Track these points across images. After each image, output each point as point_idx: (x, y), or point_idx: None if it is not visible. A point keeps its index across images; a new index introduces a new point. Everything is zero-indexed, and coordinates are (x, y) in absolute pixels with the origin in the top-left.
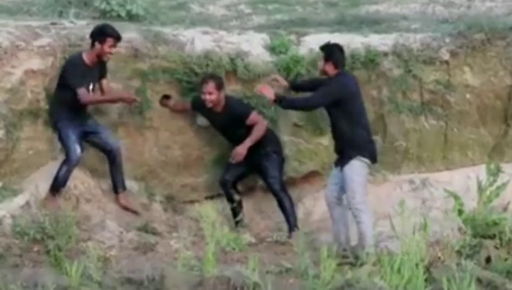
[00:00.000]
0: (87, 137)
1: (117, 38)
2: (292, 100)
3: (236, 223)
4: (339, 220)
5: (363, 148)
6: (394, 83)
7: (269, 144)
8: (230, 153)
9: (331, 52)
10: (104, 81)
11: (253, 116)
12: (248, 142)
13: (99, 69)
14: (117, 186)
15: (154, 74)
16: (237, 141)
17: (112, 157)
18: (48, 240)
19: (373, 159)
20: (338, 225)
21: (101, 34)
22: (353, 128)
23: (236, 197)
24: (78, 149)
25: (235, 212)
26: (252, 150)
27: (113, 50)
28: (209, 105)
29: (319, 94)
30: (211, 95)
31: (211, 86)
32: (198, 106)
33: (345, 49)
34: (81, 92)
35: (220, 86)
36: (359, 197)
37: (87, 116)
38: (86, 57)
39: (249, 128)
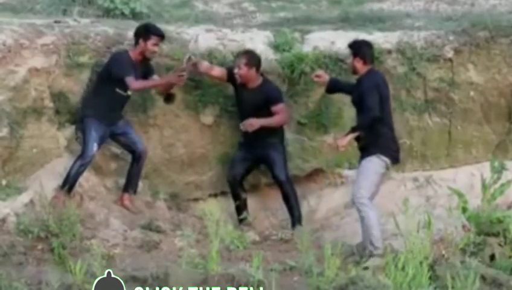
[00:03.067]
0: (115, 137)
1: (161, 36)
2: (361, 127)
3: (240, 221)
4: None
5: (386, 147)
6: (398, 81)
7: (277, 136)
8: (235, 150)
9: (359, 47)
10: (155, 77)
11: (282, 106)
12: (263, 121)
13: (143, 67)
14: (129, 187)
15: (158, 72)
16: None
17: (136, 157)
18: (52, 238)
19: (395, 159)
20: None
21: (145, 32)
22: (380, 127)
23: (243, 195)
24: (95, 147)
25: (240, 210)
26: (259, 139)
27: (157, 48)
28: (238, 79)
29: (370, 103)
30: (239, 69)
31: (241, 61)
32: (232, 78)
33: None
34: (129, 79)
35: (250, 64)
36: (364, 192)
37: (119, 117)
38: (131, 54)
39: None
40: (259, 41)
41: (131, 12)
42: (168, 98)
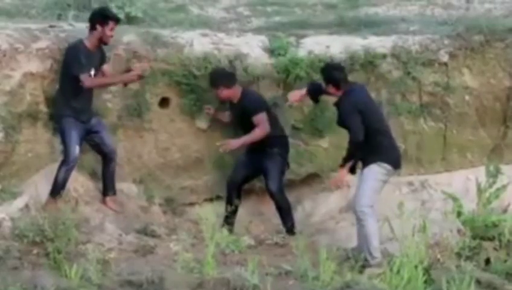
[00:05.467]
0: (89, 136)
1: (117, 20)
2: (350, 155)
3: (225, 224)
4: None
5: (384, 154)
6: (393, 85)
7: (277, 146)
8: (230, 155)
9: (328, 73)
10: (105, 66)
11: (260, 117)
12: (242, 141)
13: (99, 54)
14: (108, 190)
15: (153, 77)
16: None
17: (108, 159)
18: (47, 242)
19: (395, 165)
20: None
21: (103, 17)
22: (374, 137)
23: (236, 201)
24: (77, 149)
25: (228, 216)
26: (259, 149)
27: (113, 33)
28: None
29: (352, 128)
30: (221, 95)
31: (218, 89)
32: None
33: (344, 51)
34: (83, 77)
35: (222, 85)
36: (366, 201)
37: (92, 112)
38: (87, 42)
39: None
40: (254, 46)
41: (127, 17)
42: (163, 102)
